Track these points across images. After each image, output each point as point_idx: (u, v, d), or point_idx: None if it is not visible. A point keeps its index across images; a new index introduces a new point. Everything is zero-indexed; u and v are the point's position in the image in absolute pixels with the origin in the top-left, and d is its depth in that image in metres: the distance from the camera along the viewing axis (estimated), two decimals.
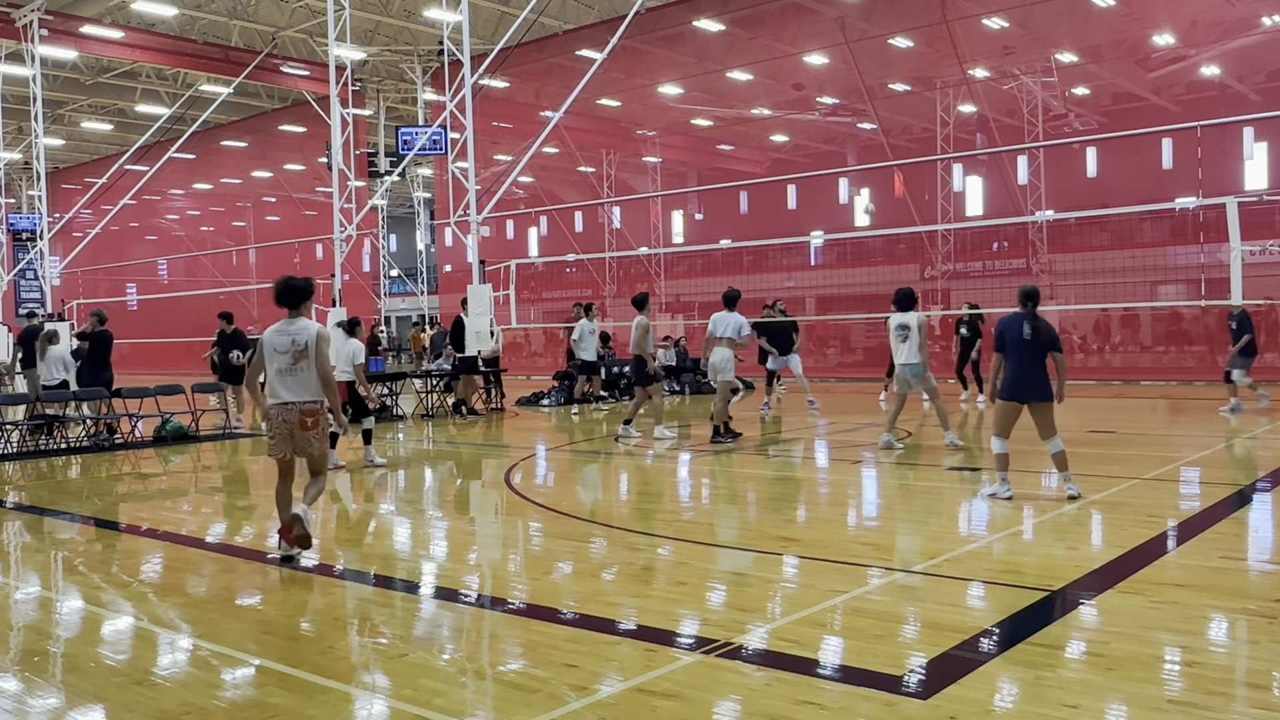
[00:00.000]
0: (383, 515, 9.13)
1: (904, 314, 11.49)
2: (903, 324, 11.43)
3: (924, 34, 27.66)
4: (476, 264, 18.39)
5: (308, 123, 31.43)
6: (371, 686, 4.56)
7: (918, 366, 11.33)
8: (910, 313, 11.49)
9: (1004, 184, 32.31)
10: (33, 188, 31.90)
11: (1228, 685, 4.27)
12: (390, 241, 47.99)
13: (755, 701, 4.17)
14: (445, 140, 22.05)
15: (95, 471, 12.18)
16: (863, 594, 5.74)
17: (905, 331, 11.37)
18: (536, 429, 16.20)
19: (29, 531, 8.69)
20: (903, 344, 11.37)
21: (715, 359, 12.89)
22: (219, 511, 9.52)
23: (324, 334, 6.96)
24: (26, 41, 24.39)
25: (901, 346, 11.39)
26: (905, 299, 11.60)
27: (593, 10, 26.27)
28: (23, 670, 4.85)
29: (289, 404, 6.89)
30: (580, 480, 11.18)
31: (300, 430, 6.91)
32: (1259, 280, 17.86)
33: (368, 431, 11.85)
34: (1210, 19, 26.67)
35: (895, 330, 11.51)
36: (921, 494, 9.52)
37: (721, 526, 8.09)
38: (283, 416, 6.89)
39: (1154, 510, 8.04)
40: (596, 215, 44.33)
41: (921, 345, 11.30)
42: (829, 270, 33.08)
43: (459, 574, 6.89)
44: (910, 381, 11.43)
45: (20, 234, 30.55)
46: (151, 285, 45.84)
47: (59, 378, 14.41)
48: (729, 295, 12.95)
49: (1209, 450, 11.55)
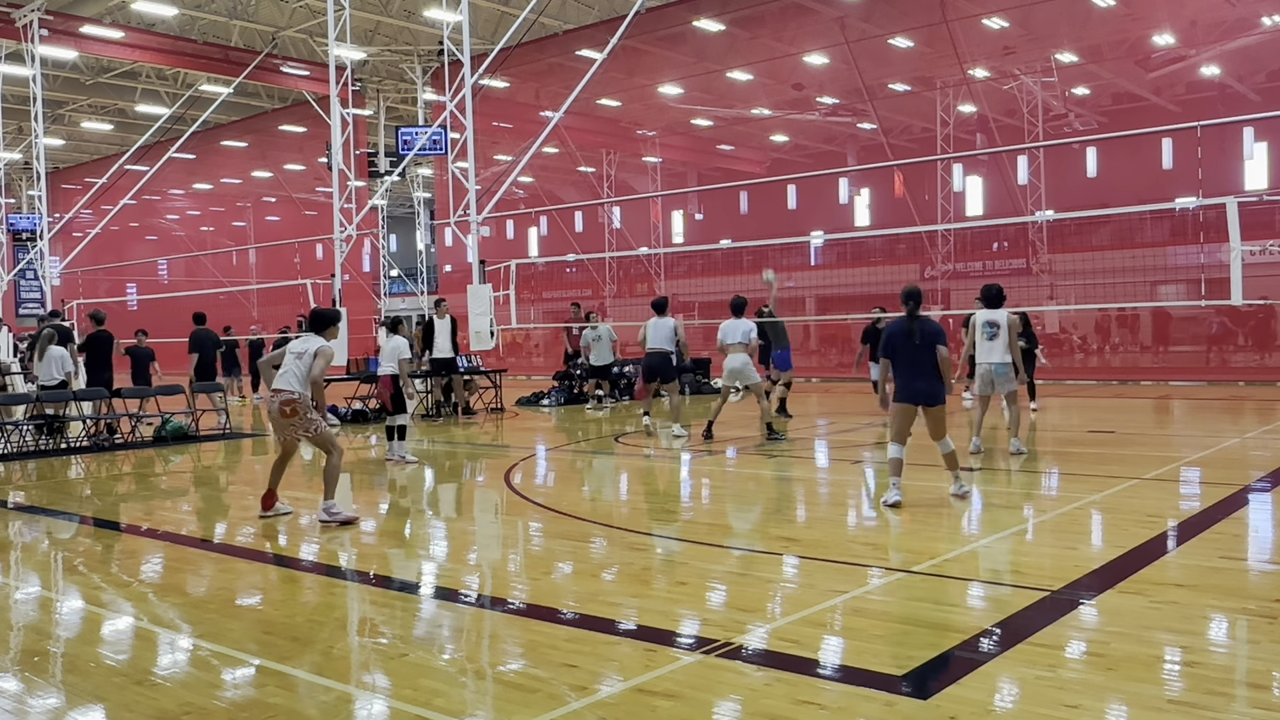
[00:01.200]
0: (382, 515, 9.13)
1: (993, 311, 10.81)
2: (991, 321, 10.76)
3: (924, 34, 27.67)
4: (476, 264, 18.39)
5: (308, 123, 31.43)
6: (371, 686, 4.56)
7: (1006, 366, 10.72)
8: (1000, 310, 10.84)
9: (1004, 184, 32.33)
10: (33, 188, 31.89)
11: (1228, 685, 4.27)
12: (390, 241, 47.99)
13: (755, 701, 4.17)
14: (445, 140, 22.04)
15: (95, 471, 12.18)
16: (863, 594, 5.74)
17: (994, 329, 10.72)
18: (536, 429, 16.20)
19: (29, 531, 8.69)
20: (990, 342, 10.75)
21: (735, 364, 12.85)
22: (219, 511, 9.52)
23: (325, 351, 8.09)
24: (26, 41, 24.39)
25: (990, 345, 10.75)
26: (995, 296, 10.85)
27: (593, 10, 26.27)
28: (23, 670, 4.85)
29: (275, 393, 8.11)
30: (580, 480, 11.18)
31: (280, 418, 8.09)
32: (1259, 280, 17.86)
33: (402, 428, 12.03)
34: (1210, 19, 26.69)
35: (983, 327, 10.81)
36: (922, 494, 9.52)
37: (722, 526, 8.08)
38: (271, 405, 8.14)
39: (1154, 510, 8.04)
40: (596, 215, 44.35)
41: (1011, 344, 10.74)
42: (829, 270, 33.10)
43: (459, 574, 6.89)
44: (996, 381, 10.80)
45: (20, 234, 30.51)
46: (151, 285, 45.85)
47: (59, 378, 14.41)
48: (736, 303, 13.17)
49: (1209, 450, 11.55)
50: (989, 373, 10.82)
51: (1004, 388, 10.80)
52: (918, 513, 8.19)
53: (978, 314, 11.02)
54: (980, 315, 10.92)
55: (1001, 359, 10.72)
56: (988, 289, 11.03)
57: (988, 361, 10.80)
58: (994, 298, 10.88)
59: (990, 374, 10.81)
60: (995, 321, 10.74)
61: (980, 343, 10.87)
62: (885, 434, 11.70)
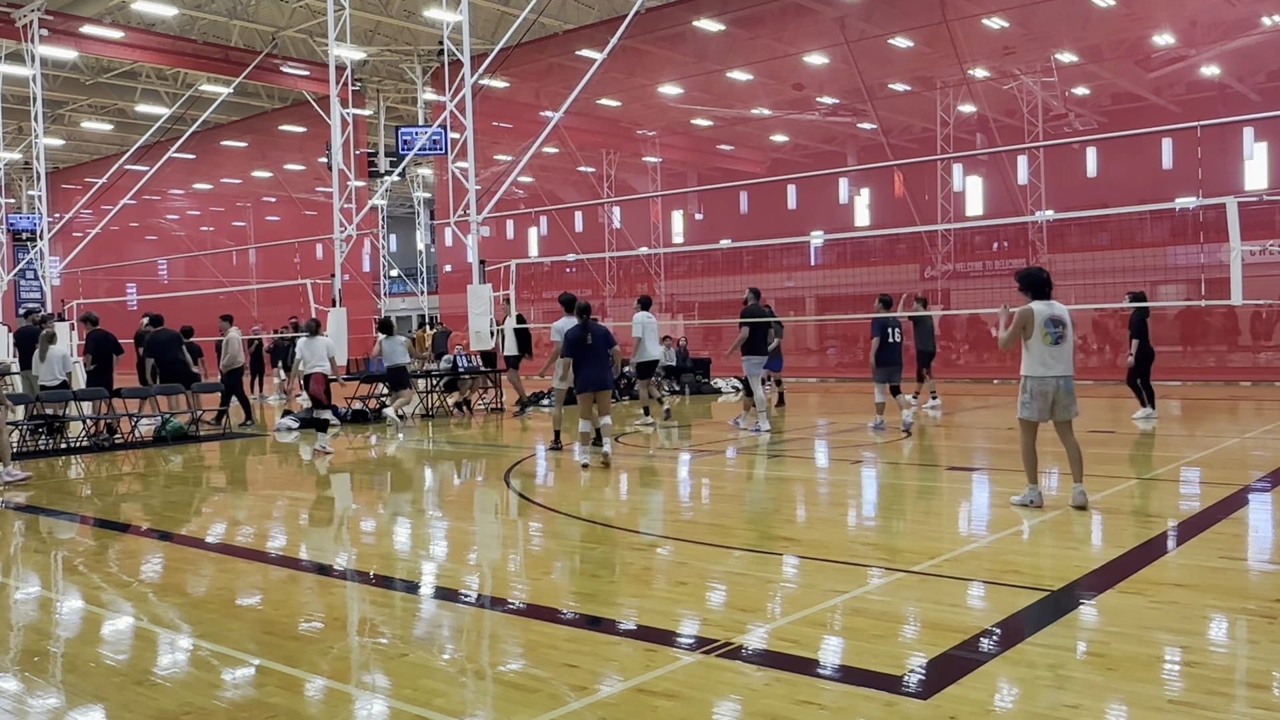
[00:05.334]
0: (382, 515, 9.13)
1: (1053, 304, 8.03)
2: (1057, 319, 7.97)
3: (924, 34, 27.66)
4: (476, 264, 18.39)
5: (308, 123, 31.42)
6: (371, 686, 4.56)
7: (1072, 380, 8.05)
8: (1059, 304, 8.11)
9: (1004, 184, 32.31)
10: (33, 188, 31.87)
11: (1228, 685, 4.27)
12: (390, 241, 47.99)
13: (755, 701, 4.17)
14: (445, 140, 22.03)
15: (95, 471, 12.18)
16: (863, 594, 5.74)
17: (1061, 330, 7.95)
18: (537, 429, 16.18)
19: (29, 531, 8.69)
20: (1057, 346, 7.92)
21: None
22: (218, 511, 9.52)
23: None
24: (26, 41, 24.37)
25: (1056, 351, 7.91)
26: (1046, 283, 8.09)
27: (593, 10, 26.26)
28: (23, 670, 4.85)
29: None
30: (580, 480, 11.18)
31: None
32: (1259, 280, 17.86)
33: (324, 421, 13.35)
34: (1210, 19, 26.67)
35: (1045, 326, 7.92)
36: (922, 494, 9.52)
37: (722, 526, 8.08)
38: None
39: (1154, 510, 8.04)
40: (596, 215, 44.33)
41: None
42: (829, 270, 33.10)
43: (459, 574, 6.89)
44: (1062, 401, 7.95)
45: (20, 234, 30.53)
46: (151, 285, 45.82)
47: (59, 378, 14.40)
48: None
49: (1209, 450, 11.55)
50: (1057, 389, 7.91)
51: (1071, 410, 8.00)
52: (918, 512, 8.19)
53: (1032, 308, 7.97)
54: (1040, 310, 7.94)
55: (1068, 370, 7.98)
56: (1033, 274, 8.16)
57: (1054, 375, 7.90)
58: (1044, 284, 8.05)
59: (1058, 390, 7.91)
60: (1062, 319, 7.96)
61: (1039, 347, 7.92)
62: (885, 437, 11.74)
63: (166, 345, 15.73)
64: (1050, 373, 7.88)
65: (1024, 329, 7.91)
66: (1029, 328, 7.90)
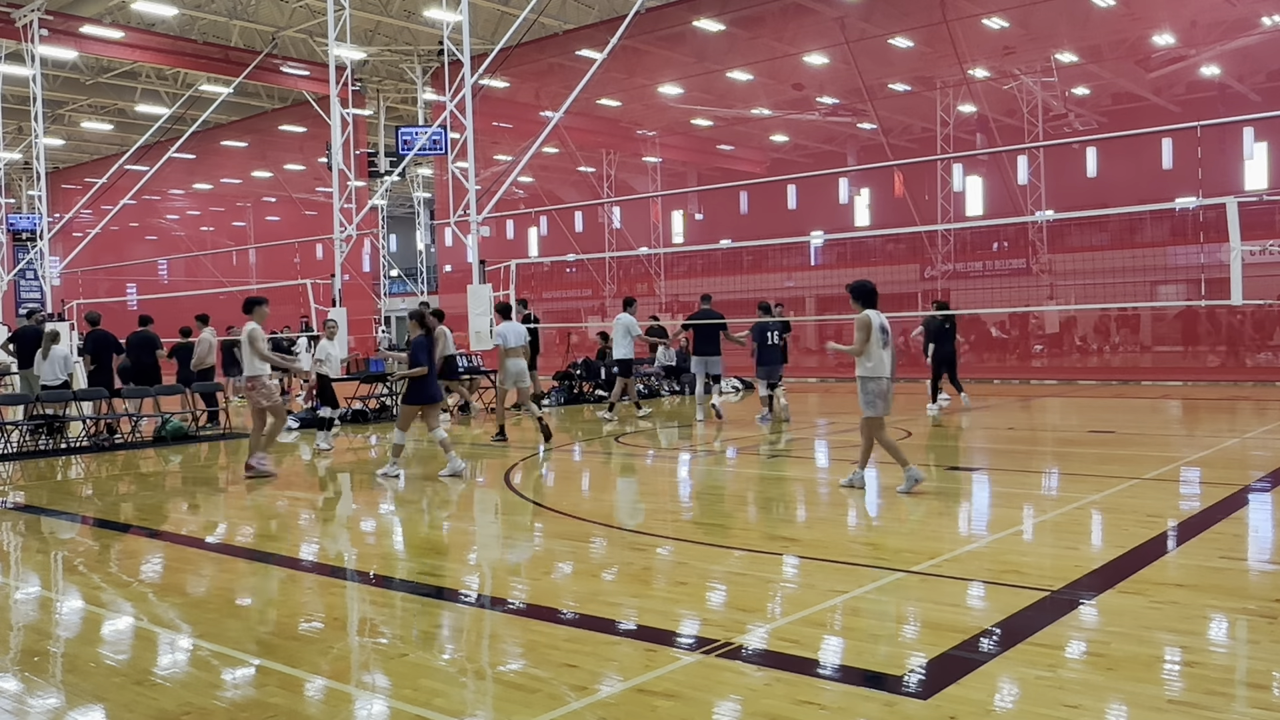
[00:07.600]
0: (382, 515, 9.13)
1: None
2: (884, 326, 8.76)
3: (924, 34, 27.66)
4: (476, 264, 18.40)
5: (308, 123, 31.43)
6: (371, 686, 4.56)
7: None
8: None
9: (1004, 184, 32.32)
10: (33, 188, 31.89)
11: (1228, 685, 4.26)
12: (390, 241, 48.00)
13: (755, 701, 4.17)
14: (445, 140, 22.05)
15: (95, 471, 12.18)
16: (863, 594, 5.74)
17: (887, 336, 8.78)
18: (536, 428, 16.15)
19: (29, 531, 8.69)
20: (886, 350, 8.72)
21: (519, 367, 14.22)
22: (218, 511, 9.52)
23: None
24: (26, 41, 24.39)
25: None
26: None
27: (593, 10, 26.27)
28: (23, 670, 4.85)
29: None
30: (580, 480, 11.18)
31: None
32: (1259, 280, 17.87)
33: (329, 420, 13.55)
34: (1210, 19, 26.68)
35: None
36: (921, 494, 9.51)
37: (721, 526, 8.08)
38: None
39: (1154, 510, 8.04)
40: (596, 215, 44.35)
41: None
42: (829, 270, 33.09)
43: (459, 574, 6.88)
44: None
45: (20, 234, 30.55)
46: (151, 285, 45.81)
47: (61, 378, 14.40)
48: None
49: (1209, 450, 11.55)
50: (889, 388, 8.64)
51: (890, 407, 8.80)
52: (918, 513, 8.19)
53: (869, 315, 8.65)
54: (875, 317, 8.66)
55: (894, 371, 8.91)
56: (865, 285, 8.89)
57: (888, 376, 8.66)
58: (874, 294, 8.85)
59: (890, 389, 8.69)
60: (886, 327, 8.77)
61: (876, 351, 8.64)
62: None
63: (137, 347, 15.73)
64: (886, 374, 8.67)
65: (865, 333, 8.59)
66: (869, 333, 8.58)
